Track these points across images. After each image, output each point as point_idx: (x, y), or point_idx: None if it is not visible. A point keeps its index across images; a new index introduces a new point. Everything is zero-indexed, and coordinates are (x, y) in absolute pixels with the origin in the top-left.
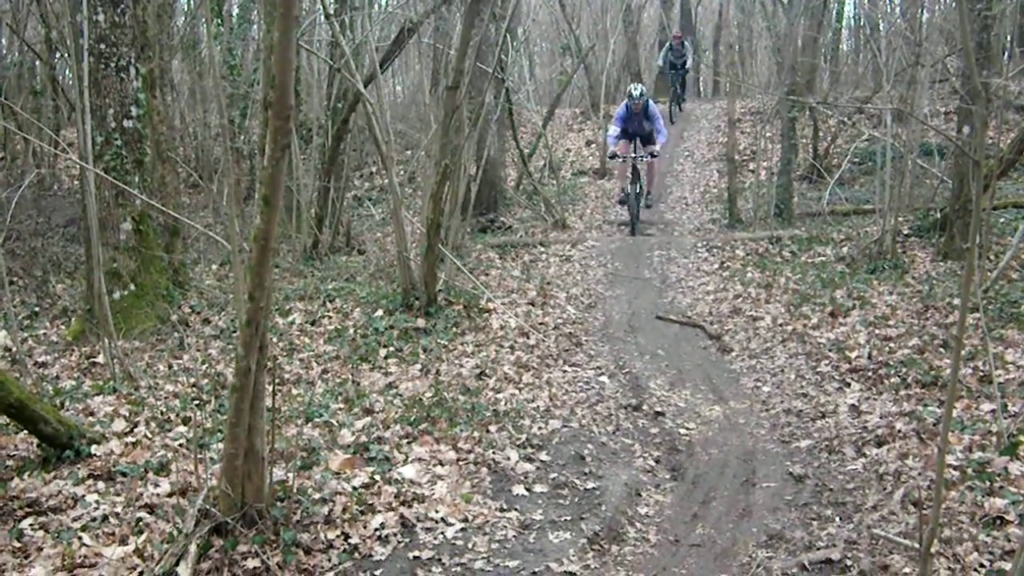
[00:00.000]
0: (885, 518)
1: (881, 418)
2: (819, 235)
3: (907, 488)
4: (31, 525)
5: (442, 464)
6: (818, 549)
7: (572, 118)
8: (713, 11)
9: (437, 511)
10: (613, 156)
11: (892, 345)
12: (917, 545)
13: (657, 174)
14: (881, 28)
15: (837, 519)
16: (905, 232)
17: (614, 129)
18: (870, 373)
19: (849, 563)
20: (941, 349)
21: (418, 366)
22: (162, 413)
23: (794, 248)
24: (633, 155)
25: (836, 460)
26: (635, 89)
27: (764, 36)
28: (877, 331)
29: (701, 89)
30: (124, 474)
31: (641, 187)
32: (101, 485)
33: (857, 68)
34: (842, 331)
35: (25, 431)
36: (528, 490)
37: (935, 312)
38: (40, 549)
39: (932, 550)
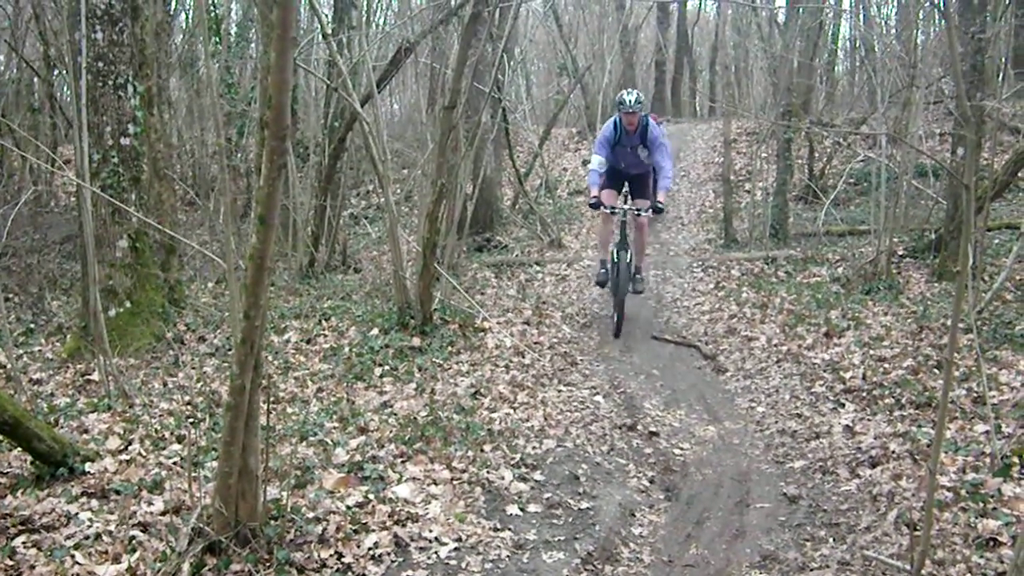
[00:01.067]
0: (878, 539)
1: (875, 439)
2: (814, 255)
3: (900, 509)
4: (24, 543)
5: (436, 483)
6: (811, 570)
7: (568, 138)
8: (709, 32)
9: (431, 530)
10: (596, 205)
11: (887, 366)
12: (909, 567)
13: (649, 236)
14: (876, 50)
15: (830, 540)
16: (900, 253)
17: (596, 160)
18: (864, 394)
19: None
20: (935, 370)
21: (413, 385)
22: (156, 431)
23: (789, 268)
24: (625, 207)
25: (830, 481)
26: (628, 94)
27: (760, 57)
28: (872, 352)
29: (697, 109)
30: (118, 492)
31: (631, 259)
32: (95, 503)
33: (852, 89)
34: (837, 351)
35: (19, 448)
36: (522, 510)
37: (929, 333)
38: (33, 567)
39: (923, 572)
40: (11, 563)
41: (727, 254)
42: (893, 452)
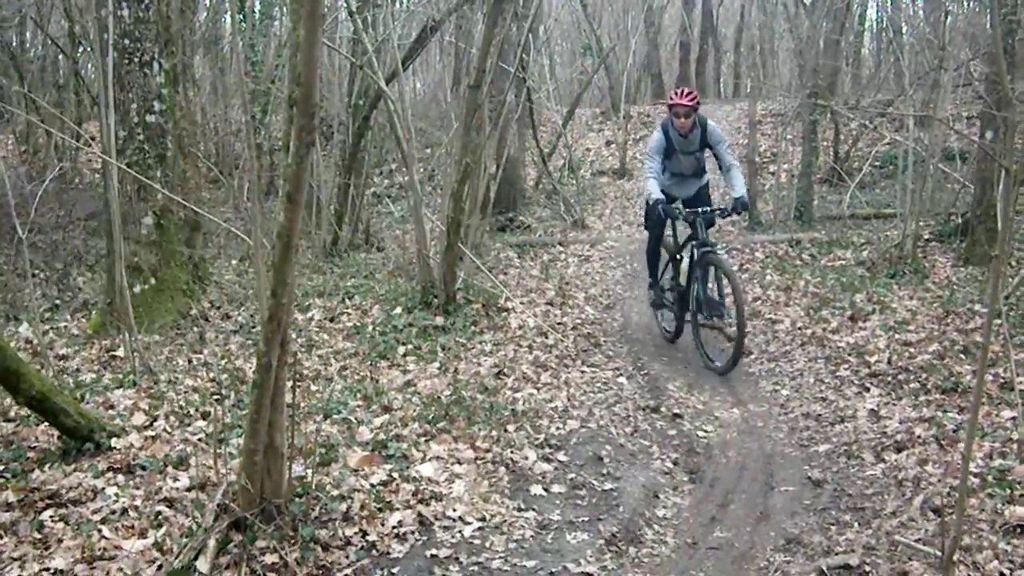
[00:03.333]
0: (904, 524)
1: (900, 423)
2: (839, 239)
3: (927, 494)
4: (51, 517)
5: (460, 463)
6: (836, 554)
7: (592, 118)
8: (735, 12)
9: (455, 510)
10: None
11: (912, 350)
12: (938, 552)
13: None
14: (904, 31)
15: (856, 524)
16: (926, 237)
17: None
18: (890, 378)
19: (868, 569)
20: (961, 355)
21: (436, 364)
22: (181, 407)
23: (814, 251)
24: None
25: (855, 465)
26: None
27: (786, 38)
28: (897, 336)
29: (722, 90)
30: (143, 468)
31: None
32: (121, 478)
33: (879, 71)
34: (862, 335)
35: (46, 423)
36: (546, 490)
37: (955, 318)
38: (60, 541)
39: (954, 558)
40: (39, 536)
41: (751, 236)
42: (919, 437)
